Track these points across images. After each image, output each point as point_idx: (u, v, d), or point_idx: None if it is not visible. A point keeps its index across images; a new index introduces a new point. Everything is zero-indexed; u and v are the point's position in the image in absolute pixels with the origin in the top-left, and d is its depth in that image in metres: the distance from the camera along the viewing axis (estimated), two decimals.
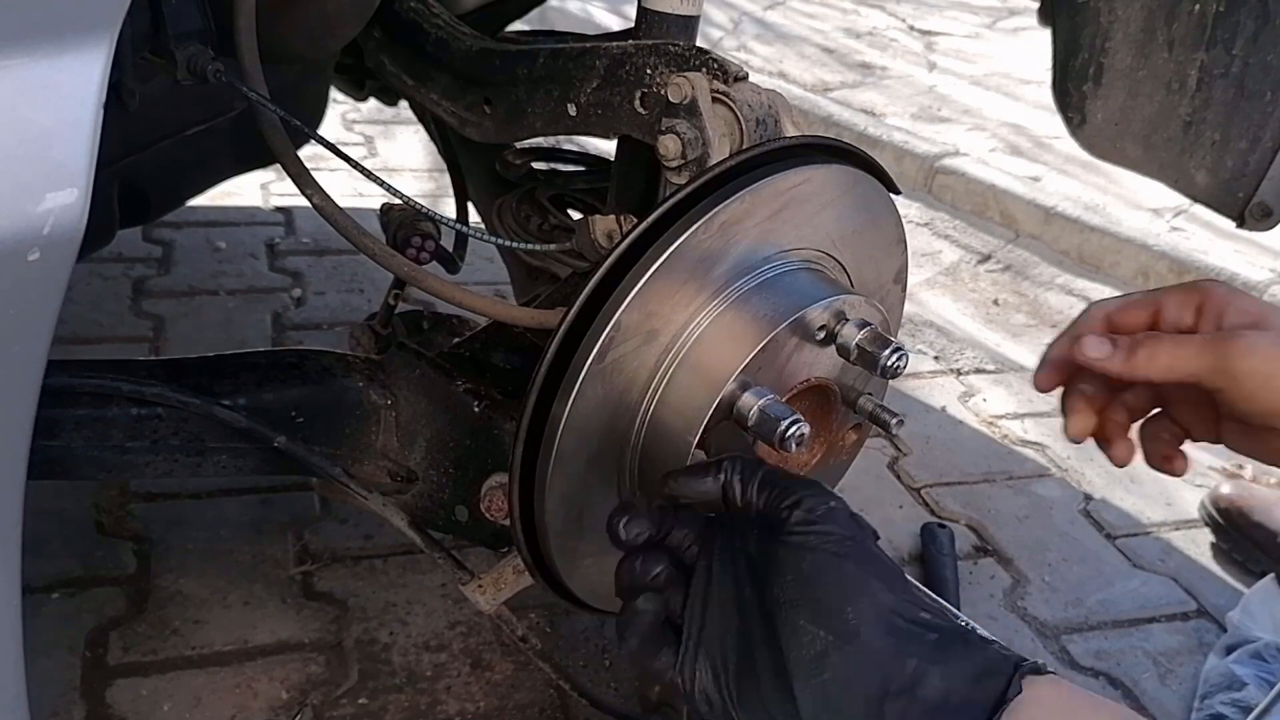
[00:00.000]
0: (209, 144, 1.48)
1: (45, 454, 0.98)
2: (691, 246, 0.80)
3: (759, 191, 0.82)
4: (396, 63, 1.24)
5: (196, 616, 1.31)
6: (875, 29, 4.66)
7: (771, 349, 0.82)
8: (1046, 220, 2.89)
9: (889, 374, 0.84)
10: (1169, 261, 2.66)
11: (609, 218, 0.95)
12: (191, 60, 0.88)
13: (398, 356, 1.11)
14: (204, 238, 2.24)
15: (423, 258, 1.27)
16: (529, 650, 1.12)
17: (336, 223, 0.94)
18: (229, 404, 1.05)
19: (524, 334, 1.11)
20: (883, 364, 0.83)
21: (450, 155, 1.50)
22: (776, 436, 0.77)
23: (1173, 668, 1.46)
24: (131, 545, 1.41)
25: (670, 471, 0.76)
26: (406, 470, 1.11)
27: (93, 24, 0.60)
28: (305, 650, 1.29)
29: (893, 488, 1.78)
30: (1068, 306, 2.62)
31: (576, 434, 0.83)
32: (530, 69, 1.04)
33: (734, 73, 0.87)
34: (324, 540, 1.46)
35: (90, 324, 1.88)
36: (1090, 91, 1.14)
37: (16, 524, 0.70)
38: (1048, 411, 2.10)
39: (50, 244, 0.61)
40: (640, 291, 0.79)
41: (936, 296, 2.62)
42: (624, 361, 0.82)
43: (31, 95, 0.59)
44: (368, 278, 2.15)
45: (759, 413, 0.78)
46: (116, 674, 1.22)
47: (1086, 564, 1.66)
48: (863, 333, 0.83)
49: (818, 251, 0.90)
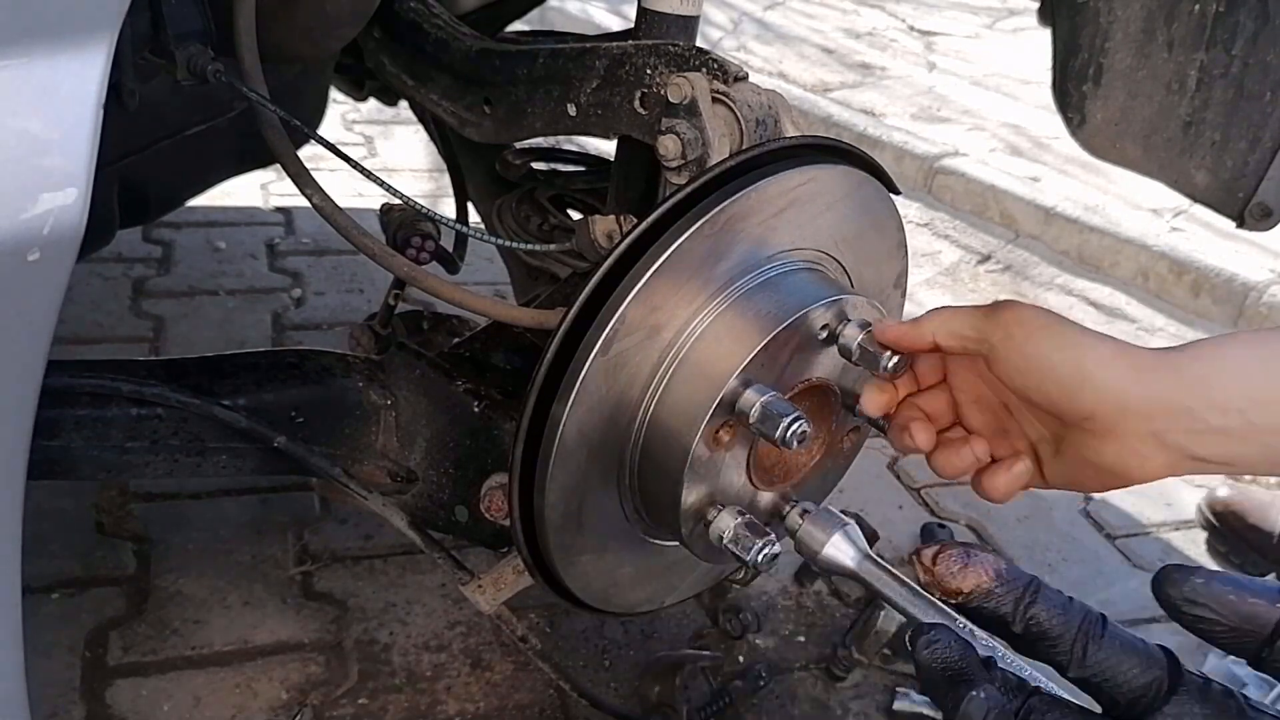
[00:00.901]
0: (209, 144, 1.48)
1: (45, 454, 0.98)
2: (695, 243, 0.80)
3: (762, 191, 0.82)
4: (396, 63, 1.24)
5: (196, 617, 1.31)
6: (875, 29, 4.66)
7: (773, 348, 0.82)
8: (1046, 220, 2.89)
9: (890, 374, 0.84)
10: (1169, 262, 2.66)
11: (609, 218, 0.95)
12: (191, 60, 0.88)
13: (397, 357, 1.11)
14: (204, 238, 2.24)
15: (422, 258, 1.27)
16: (529, 650, 1.12)
17: (336, 223, 0.94)
18: (229, 404, 1.05)
19: (524, 334, 1.11)
20: (884, 364, 0.83)
21: (450, 155, 1.50)
22: (779, 434, 0.77)
23: None
24: (131, 545, 1.40)
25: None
26: (406, 470, 1.11)
27: (93, 25, 0.60)
28: (305, 650, 1.29)
29: (893, 488, 1.78)
30: (1067, 307, 2.62)
31: (577, 432, 0.83)
32: (530, 69, 1.04)
33: (734, 73, 0.87)
34: (324, 540, 1.46)
35: (90, 324, 1.88)
36: (1090, 92, 1.14)
37: (16, 524, 0.70)
38: None
39: (50, 244, 0.61)
40: (644, 287, 0.79)
41: (936, 296, 2.62)
42: (626, 357, 0.82)
43: (31, 96, 0.59)
44: (367, 278, 2.15)
45: (761, 409, 0.78)
46: (116, 674, 1.22)
47: (1086, 564, 1.66)
48: (864, 333, 0.83)
49: (819, 252, 0.90)
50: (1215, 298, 2.57)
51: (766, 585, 1.49)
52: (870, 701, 1.35)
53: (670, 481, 0.84)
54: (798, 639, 1.43)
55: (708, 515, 0.86)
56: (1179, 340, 2.50)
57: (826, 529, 0.80)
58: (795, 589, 1.50)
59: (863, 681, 1.37)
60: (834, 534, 0.79)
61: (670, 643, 1.38)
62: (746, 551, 0.83)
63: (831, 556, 0.79)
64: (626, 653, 1.35)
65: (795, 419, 0.77)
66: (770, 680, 1.31)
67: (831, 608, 1.48)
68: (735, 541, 0.84)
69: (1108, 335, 0.70)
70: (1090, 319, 2.58)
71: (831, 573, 0.80)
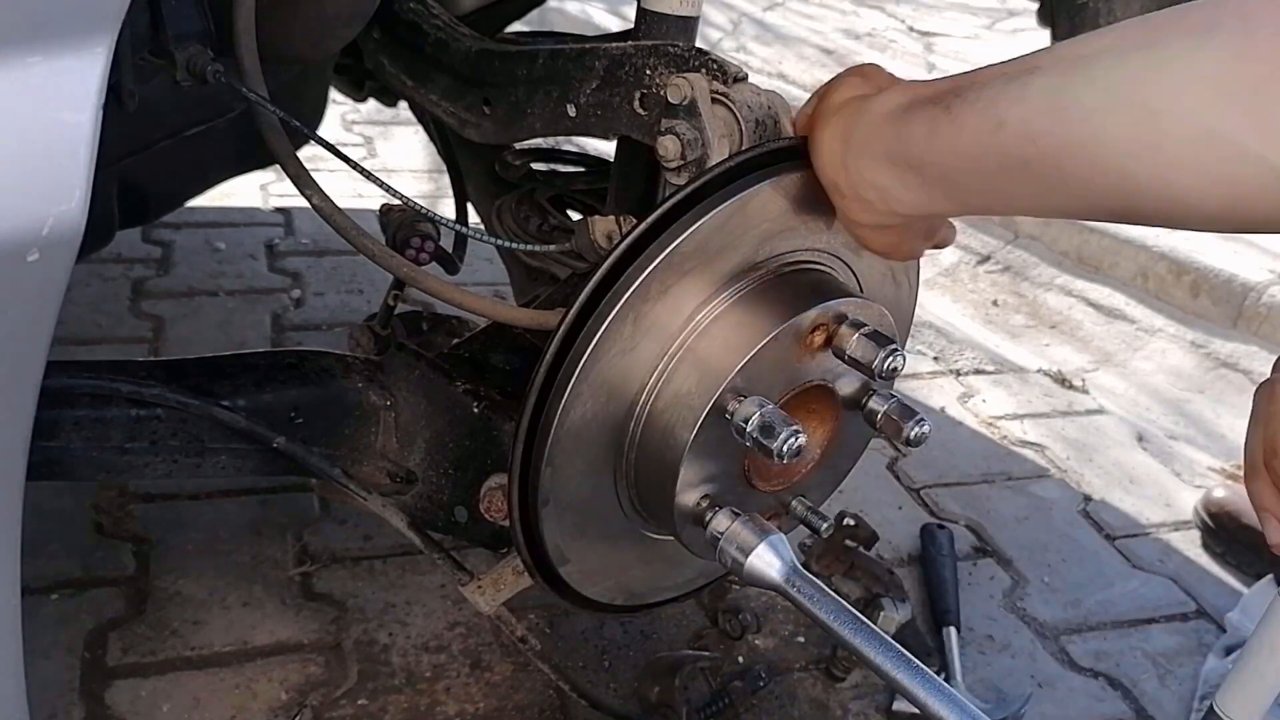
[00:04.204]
0: (208, 145, 1.48)
1: (45, 454, 0.98)
2: (692, 245, 0.81)
3: (761, 192, 0.82)
4: (396, 64, 1.24)
5: (196, 617, 1.31)
6: (875, 30, 4.66)
7: (769, 351, 0.82)
8: (1046, 221, 2.89)
9: (885, 376, 0.84)
10: (1168, 262, 2.66)
11: (608, 219, 0.95)
12: (191, 61, 0.88)
13: (397, 357, 1.11)
14: (203, 238, 2.24)
15: (422, 258, 1.27)
16: (528, 651, 1.12)
17: (336, 223, 0.94)
18: (228, 405, 1.05)
19: (523, 335, 1.11)
20: (878, 367, 0.83)
21: (449, 156, 1.50)
22: (773, 449, 0.78)
23: (1172, 668, 1.46)
24: (131, 546, 1.40)
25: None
26: (406, 471, 1.11)
27: (92, 25, 0.60)
28: (304, 651, 1.29)
29: (892, 488, 1.78)
30: (1067, 307, 2.63)
31: (576, 432, 0.83)
32: (530, 70, 1.04)
33: (733, 74, 0.87)
34: (323, 541, 1.46)
35: (89, 325, 1.88)
36: None
37: (16, 525, 0.70)
38: (1047, 412, 2.11)
39: (49, 245, 0.61)
40: (638, 291, 0.79)
41: (936, 297, 2.62)
42: (621, 361, 0.82)
43: (31, 96, 0.59)
44: (367, 279, 2.15)
45: (759, 421, 0.79)
46: (115, 675, 1.22)
47: (1086, 565, 1.66)
48: (857, 335, 0.84)
49: (823, 253, 0.90)
50: (1214, 298, 2.57)
51: None
52: (870, 702, 1.35)
53: (667, 479, 0.85)
54: (797, 639, 1.43)
55: (705, 514, 0.86)
56: (1179, 341, 2.50)
57: (754, 539, 0.80)
58: None
59: (862, 682, 1.37)
60: (759, 545, 0.80)
61: (669, 643, 1.38)
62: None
63: (757, 569, 0.79)
64: (626, 653, 1.35)
65: (792, 433, 0.78)
66: (770, 681, 1.31)
67: None
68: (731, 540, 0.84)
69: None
70: (1090, 319, 2.58)
71: (757, 586, 0.81)
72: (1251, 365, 2.40)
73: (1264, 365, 2.41)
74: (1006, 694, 1.38)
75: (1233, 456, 2.09)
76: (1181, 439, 2.13)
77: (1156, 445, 2.05)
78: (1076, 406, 2.15)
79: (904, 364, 0.84)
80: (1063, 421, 2.08)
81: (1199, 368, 2.43)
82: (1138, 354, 2.47)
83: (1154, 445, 2.05)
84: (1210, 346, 2.48)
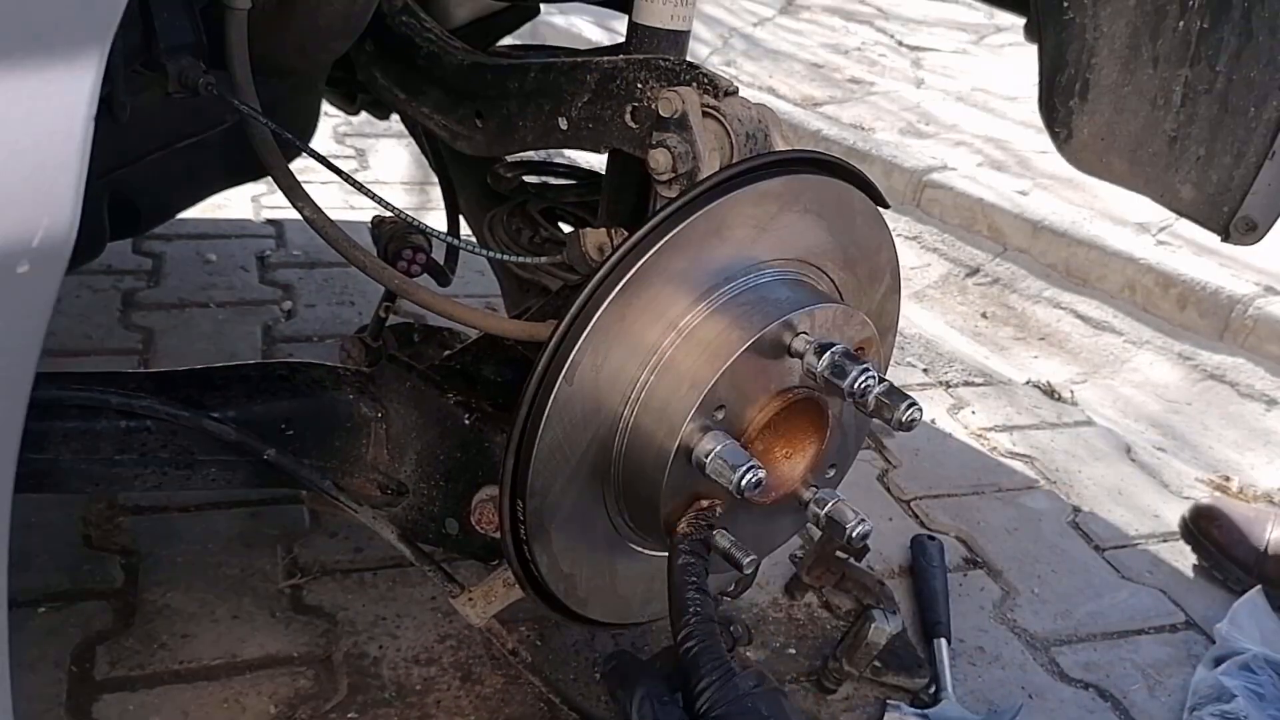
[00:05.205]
0: (200, 156, 1.48)
1: (33, 467, 0.98)
2: (677, 256, 0.81)
3: (747, 203, 0.83)
4: (388, 76, 1.24)
5: (184, 630, 1.30)
6: (863, 45, 4.69)
7: (744, 362, 0.83)
8: (1034, 234, 2.91)
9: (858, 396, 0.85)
10: (1155, 275, 2.68)
11: (600, 231, 0.96)
12: (183, 73, 0.88)
13: (388, 369, 1.11)
14: (194, 250, 2.24)
15: (413, 270, 1.27)
16: (519, 663, 1.12)
17: (327, 235, 0.94)
18: (219, 416, 1.04)
19: (515, 346, 1.11)
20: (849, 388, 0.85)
21: (441, 168, 1.50)
22: (733, 485, 0.80)
23: (1162, 679, 1.46)
24: (119, 559, 1.40)
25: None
26: (397, 483, 1.11)
27: (84, 37, 0.60)
28: (294, 664, 1.28)
29: (882, 500, 1.78)
30: (1055, 319, 2.64)
31: (564, 445, 0.84)
32: (521, 83, 1.04)
33: (724, 87, 0.88)
34: (313, 553, 1.46)
35: (79, 336, 1.87)
36: (1076, 107, 1.15)
37: (3, 537, 0.70)
38: (1036, 424, 2.11)
39: (39, 256, 0.61)
40: (616, 304, 0.80)
41: (925, 310, 2.63)
42: (604, 373, 0.82)
43: (21, 107, 0.59)
44: (359, 290, 2.15)
45: (716, 459, 0.81)
46: (103, 689, 1.21)
47: (1075, 576, 1.67)
48: (826, 356, 0.85)
49: (806, 264, 0.91)
50: (1201, 310, 2.59)
51: (757, 598, 1.49)
52: (861, 714, 1.35)
53: (652, 491, 0.85)
54: (788, 651, 1.42)
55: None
56: (1166, 353, 2.51)
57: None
58: (786, 601, 1.50)
59: (853, 694, 1.37)
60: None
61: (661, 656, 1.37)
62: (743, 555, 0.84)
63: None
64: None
65: (749, 468, 0.80)
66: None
67: (822, 620, 1.48)
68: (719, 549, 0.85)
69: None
70: (1078, 331, 2.60)
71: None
72: (1238, 377, 2.42)
73: (1251, 377, 2.42)
74: (997, 706, 1.38)
75: (1220, 468, 2.10)
76: (1169, 451, 2.14)
77: (1144, 457, 2.06)
78: (1065, 418, 2.15)
79: (876, 382, 0.85)
80: (1052, 433, 2.09)
81: (1186, 380, 2.44)
82: (1126, 366, 2.49)
83: (1142, 457, 2.05)
84: (1198, 359, 2.50)
